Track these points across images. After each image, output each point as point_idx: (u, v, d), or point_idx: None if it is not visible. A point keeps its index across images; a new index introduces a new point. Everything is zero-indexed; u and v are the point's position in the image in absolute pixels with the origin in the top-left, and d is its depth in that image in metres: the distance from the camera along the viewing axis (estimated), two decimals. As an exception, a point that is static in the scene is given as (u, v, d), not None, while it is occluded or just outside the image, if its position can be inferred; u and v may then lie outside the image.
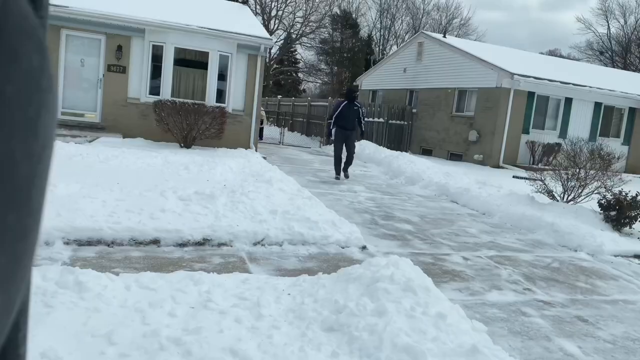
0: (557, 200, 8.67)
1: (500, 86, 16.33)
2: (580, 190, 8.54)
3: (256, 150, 13.21)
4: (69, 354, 2.66)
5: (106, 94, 12.40)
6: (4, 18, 0.26)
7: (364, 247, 5.68)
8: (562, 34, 68.90)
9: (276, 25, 37.57)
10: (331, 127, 10.88)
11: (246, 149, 12.80)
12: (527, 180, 9.50)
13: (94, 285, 3.34)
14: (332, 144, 11.22)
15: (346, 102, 10.71)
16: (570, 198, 8.64)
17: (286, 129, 21.88)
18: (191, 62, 13.06)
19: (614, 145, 15.44)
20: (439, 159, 17.11)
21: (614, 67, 38.49)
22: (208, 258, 4.85)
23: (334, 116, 10.64)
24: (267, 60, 30.88)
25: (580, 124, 17.87)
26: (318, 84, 46.27)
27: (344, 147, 10.65)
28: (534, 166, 15.31)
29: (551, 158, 15.58)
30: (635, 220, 7.57)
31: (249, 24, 14.01)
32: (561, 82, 16.94)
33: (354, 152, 10.82)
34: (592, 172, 8.42)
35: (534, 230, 7.46)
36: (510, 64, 16.99)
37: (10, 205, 0.27)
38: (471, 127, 17.47)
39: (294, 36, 38.87)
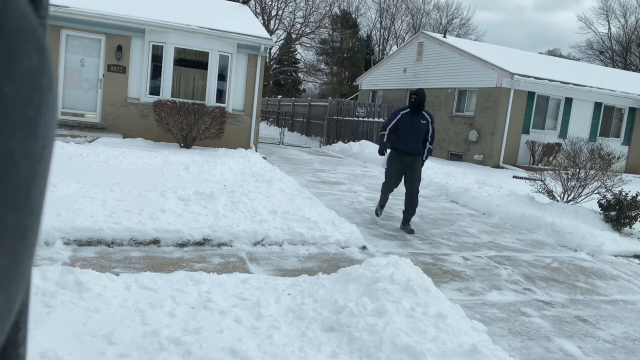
0: (557, 200, 8.67)
1: (500, 86, 16.33)
2: (580, 190, 8.54)
3: (256, 150, 13.21)
4: (69, 354, 2.66)
5: (106, 94, 12.40)
6: (4, 18, 0.26)
7: (363, 247, 5.68)
8: (560, 34, 69.08)
9: (276, 25, 37.61)
10: (382, 142, 6.98)
11: (246, 149, 12.79)
12: (527, 180, 9.52)
13: (94, 285, 3.34)
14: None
15: (408, 110, 6.82)
16: (570, 198, 8.64)
17: (286, 129, 21.89)
18: (191, 62, 13.06)
19: (614, 145, 15.46)
20: (439, 159, 17.11)
21: (614, 67, 38.51)
22: (208, 258, 4.85)
23: (388, 128, 6.87)
24: (267, 60, 30.88)
25: (580, 124, 17.88)
26: (318, 84, 46.31)
27: (403, 180, 6.94)
28: (534, 166, 15.32)
29: (551, 158, 15.59)
30: (635, 220, 7.57)
31: (249, 24, 14.01)
32: (561, 82, 16.94)
33: (418, 190, 6.88)
34: (592, 172, 8.42)
35: (534, 230, 7.46)
36: (510, 64, 16.99)
37: (10, 205, 0.27)
38: (471, 127, 17.47)
39: (294, 36, 38.89)
